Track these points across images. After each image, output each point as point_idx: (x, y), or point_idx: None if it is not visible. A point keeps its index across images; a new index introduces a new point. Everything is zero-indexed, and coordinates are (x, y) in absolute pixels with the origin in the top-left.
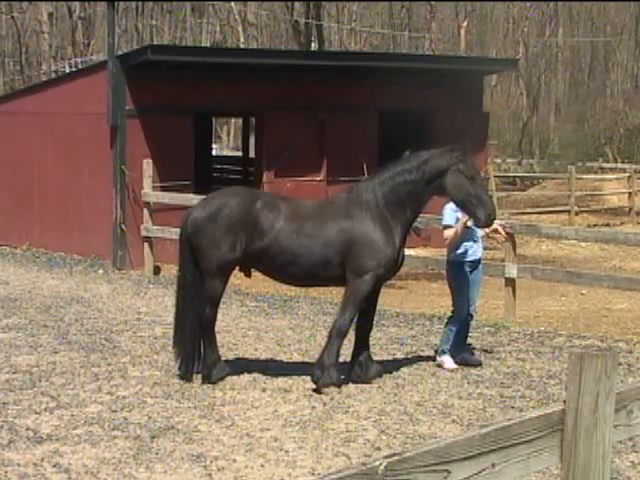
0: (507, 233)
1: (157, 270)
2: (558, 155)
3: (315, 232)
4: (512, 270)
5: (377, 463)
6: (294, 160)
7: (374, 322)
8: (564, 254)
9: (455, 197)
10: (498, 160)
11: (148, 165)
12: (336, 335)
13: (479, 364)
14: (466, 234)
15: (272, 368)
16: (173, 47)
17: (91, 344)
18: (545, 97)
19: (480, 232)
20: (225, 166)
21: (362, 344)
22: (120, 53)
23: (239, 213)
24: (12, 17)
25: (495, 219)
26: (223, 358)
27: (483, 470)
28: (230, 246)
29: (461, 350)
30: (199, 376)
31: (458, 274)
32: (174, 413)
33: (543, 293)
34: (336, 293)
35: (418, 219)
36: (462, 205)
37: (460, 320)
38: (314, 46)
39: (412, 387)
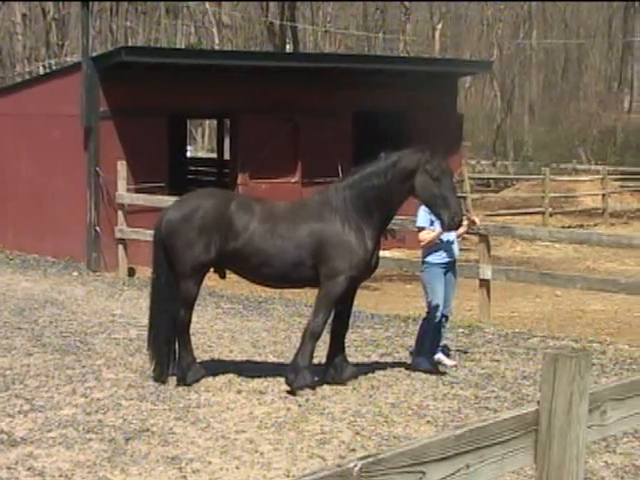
0: (481, 235)
1: (132, 272)
2: (532, 157)
3: (288, 234)
4: (486, 271)
5: (352, 465)
6: (269, 162)
7: (349, 323)
8: (538, 255)
9: (422, 198)
10: (472, 162)
11: (122, 167)
12: (309, 337)
13: (454, 365)
14: (442, 236)
15: (247, 370)
16: (147, 49)
17: (65, 346)
18: (519, 99)
19: (455, 233)
20: (200, 168)
21: (337, 346)
22: (94, 54)
23: (213, 214)
24: None
25: (460, 221)
26: (198, 360)
27: (458, 471)
28: (204, 247)
29: (436, 351)
30: (174, 378)
31: (432, 276)
32: (149, 415)
33: (517, 294)
34: (311, 295)
35: (393, 221)
36: (429, 206)
37: (434, 321)
38: (289, 48)
39: (387, 388)
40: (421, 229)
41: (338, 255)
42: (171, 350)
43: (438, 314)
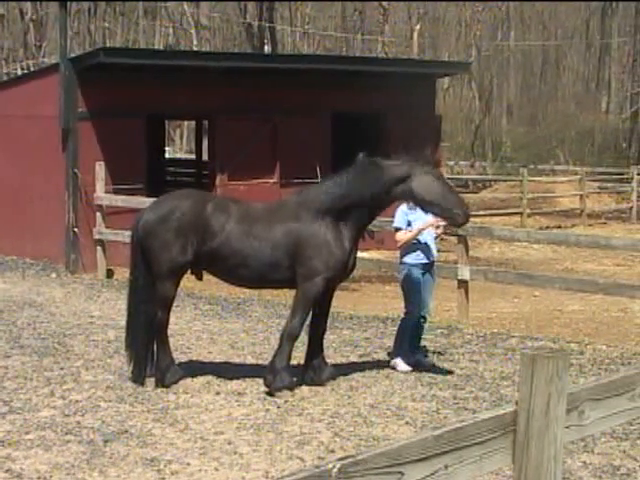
0: (460, 235)
1: (110, 273)
2: (510, 158)
3: (264, 234)
4: (465, 272)
5: (330, 466)
6: (247, 163)
7: (327, 324)
8: (516, 256)
9: (424, 199)
10: (451, 163)
11: (101, 168)
12: (287, 339)
13: (432, 366)
14: (419, 237)
15: (226, 371)
16: (126, 50)
17: (44, 348)
18: (497, 100)
19: (433, 234)
20: (178, 169)
21: (316, 347)
22: (72, 55)
23: (190, 215)
24: None
25: (469, 215)
26: (176, 361)
27: (436, 471)
28: (181, 249)
29: (414, 352)
30: (152, 380)
31: (410, 277)
32: (127, 417)
33: (496, 295)
34: (290, 296)
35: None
36: (428, 208)
37: (413, 322)
38: (267, 49)
39: (366, 389)
40: (398, 229)
41: (315, 256)
42: (149, 352)
43: (416, 315)
